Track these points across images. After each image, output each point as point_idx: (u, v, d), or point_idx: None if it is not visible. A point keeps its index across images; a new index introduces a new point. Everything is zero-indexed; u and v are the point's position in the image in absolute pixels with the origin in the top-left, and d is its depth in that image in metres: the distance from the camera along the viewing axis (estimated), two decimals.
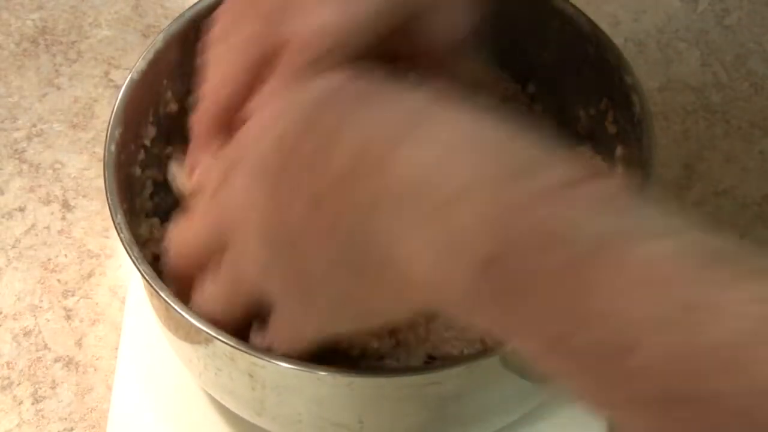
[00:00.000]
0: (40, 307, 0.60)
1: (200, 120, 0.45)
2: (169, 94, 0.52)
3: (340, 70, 0.40)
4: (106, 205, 0.45)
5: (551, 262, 0.30)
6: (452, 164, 0.33)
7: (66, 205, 0.64)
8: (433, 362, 0.47)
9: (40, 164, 0.66)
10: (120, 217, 0.45)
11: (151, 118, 0.51)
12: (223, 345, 0.42)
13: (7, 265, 0.62)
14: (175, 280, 0.44)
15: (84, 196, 0.65)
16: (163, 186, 0.54)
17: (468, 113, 0.35)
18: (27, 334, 0.59)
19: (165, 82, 0.52)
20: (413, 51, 0.46)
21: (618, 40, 0.51)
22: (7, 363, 0.58)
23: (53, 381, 0.57)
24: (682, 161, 0.66)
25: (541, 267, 0.30)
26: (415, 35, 0.45)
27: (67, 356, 0.58)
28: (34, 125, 0.68)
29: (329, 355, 0.47)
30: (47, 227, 0.63)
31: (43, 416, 0.56)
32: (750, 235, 0.62)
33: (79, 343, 0.59)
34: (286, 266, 0.38)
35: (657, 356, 0.27)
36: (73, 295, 0.61)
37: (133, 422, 0.55)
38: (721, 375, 0.26)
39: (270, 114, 0.41)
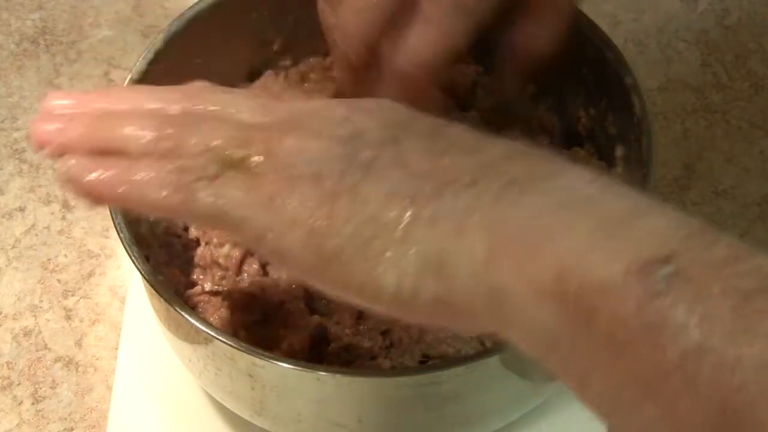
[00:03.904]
0: (40, 307, 0.60)
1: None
2: None
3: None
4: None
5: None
6: None
7: (66, 205, 0.64)
8: (429, 362, 0.47)
9: (40, 164, 0.66)
10: (120, 217, 0.45)
11: None
12: (223, 345, 0.42)
13: (7, 265, 0.62)
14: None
15: None
16: None
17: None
18: (27, 334, 0.59)
19: (165, 82, 0.52)
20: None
21: (618, 40, 0.51)
22: (7, 363, 0.58)
23: (53, 381, 0.57)
24: (682, 161, 0.66)
25: None
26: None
27: (67, 356, 0.58)
28: None
29: (318, 353, 0.47)
30: (47, 227, 0.63)
31: (43, 416, 0.56)
32: (750, 235, 0.62)
33: (79, 343, 0.59)
34: None
35: None
36: (73, 295, 0.61)
37: (133, 422, 0.55)
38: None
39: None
